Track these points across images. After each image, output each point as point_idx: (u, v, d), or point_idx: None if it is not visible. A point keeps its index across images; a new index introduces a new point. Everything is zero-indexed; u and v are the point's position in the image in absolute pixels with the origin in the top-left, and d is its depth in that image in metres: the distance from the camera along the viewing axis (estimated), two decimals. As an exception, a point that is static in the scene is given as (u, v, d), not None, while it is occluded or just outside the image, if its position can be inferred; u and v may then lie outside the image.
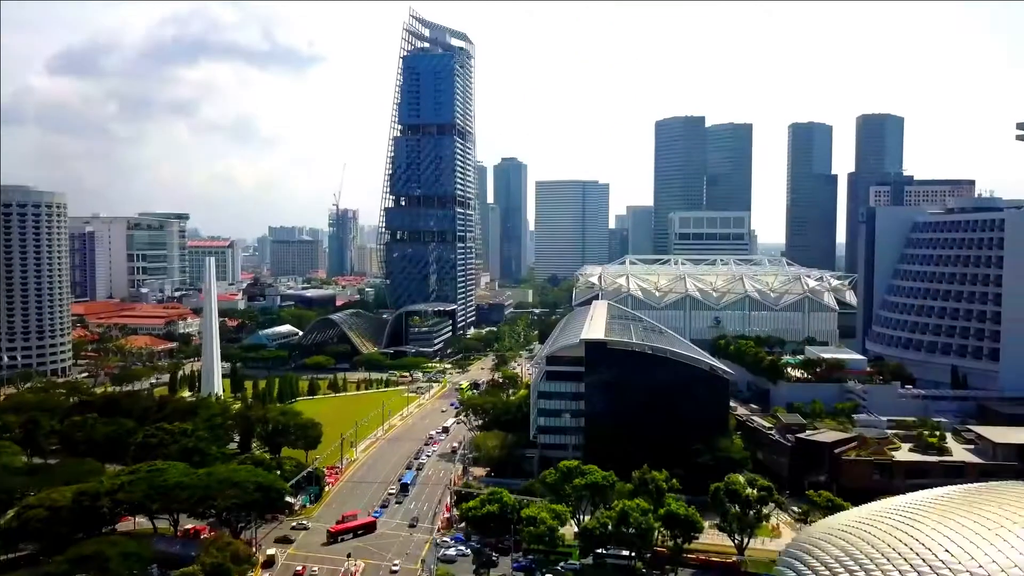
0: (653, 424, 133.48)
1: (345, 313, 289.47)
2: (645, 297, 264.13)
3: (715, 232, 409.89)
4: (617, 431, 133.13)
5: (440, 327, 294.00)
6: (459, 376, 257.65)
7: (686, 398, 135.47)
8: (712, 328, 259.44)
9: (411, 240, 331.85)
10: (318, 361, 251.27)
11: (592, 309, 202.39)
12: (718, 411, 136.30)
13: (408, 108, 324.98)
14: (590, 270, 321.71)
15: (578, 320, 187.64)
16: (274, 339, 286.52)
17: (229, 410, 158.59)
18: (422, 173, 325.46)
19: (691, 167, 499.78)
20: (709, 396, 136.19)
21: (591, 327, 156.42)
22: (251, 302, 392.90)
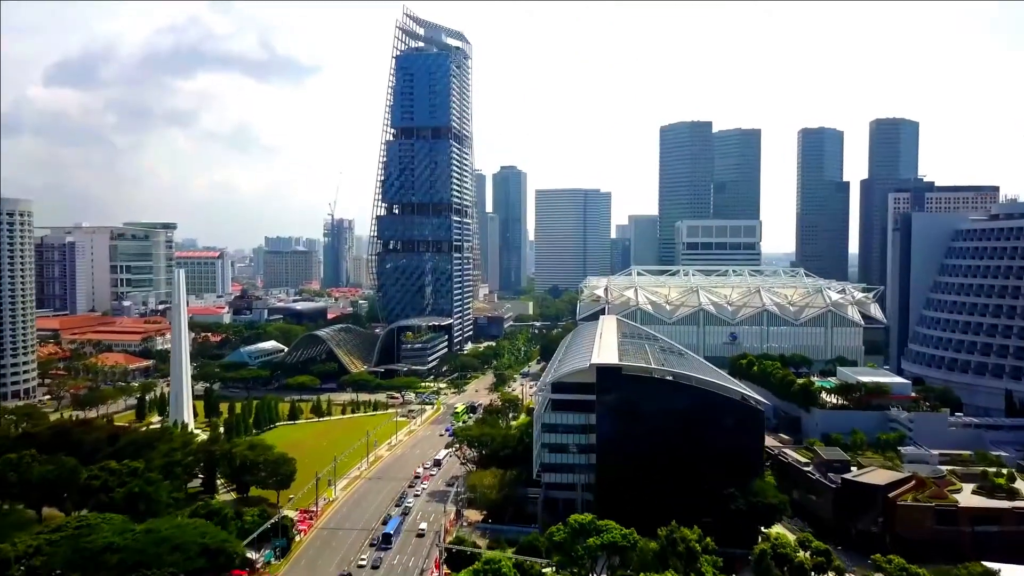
0: (676, 462, 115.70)
1: (332, 329, 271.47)
2: (655, 311, 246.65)
3: (724, 241, 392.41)
4: (634, 470, 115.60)
5: (435, 343, 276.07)
6: (455, 397, 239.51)
7: (714, 432, 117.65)
8: (728, 345, 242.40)
9: (404, 250, 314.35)
10: (302, 381, 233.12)
11: (599, 325, 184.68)
12: (751, 447, 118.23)
13: (401, 110, 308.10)
14: (595, 282, 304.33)
15: (585, 338, 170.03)
16: (257, 356, 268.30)
17: (192, 443, 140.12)
18: (416, 179, 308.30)
19: (697, 174, 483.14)
20: (741, 430, 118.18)
21: (601, 348, 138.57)
22: (237, 316, 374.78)
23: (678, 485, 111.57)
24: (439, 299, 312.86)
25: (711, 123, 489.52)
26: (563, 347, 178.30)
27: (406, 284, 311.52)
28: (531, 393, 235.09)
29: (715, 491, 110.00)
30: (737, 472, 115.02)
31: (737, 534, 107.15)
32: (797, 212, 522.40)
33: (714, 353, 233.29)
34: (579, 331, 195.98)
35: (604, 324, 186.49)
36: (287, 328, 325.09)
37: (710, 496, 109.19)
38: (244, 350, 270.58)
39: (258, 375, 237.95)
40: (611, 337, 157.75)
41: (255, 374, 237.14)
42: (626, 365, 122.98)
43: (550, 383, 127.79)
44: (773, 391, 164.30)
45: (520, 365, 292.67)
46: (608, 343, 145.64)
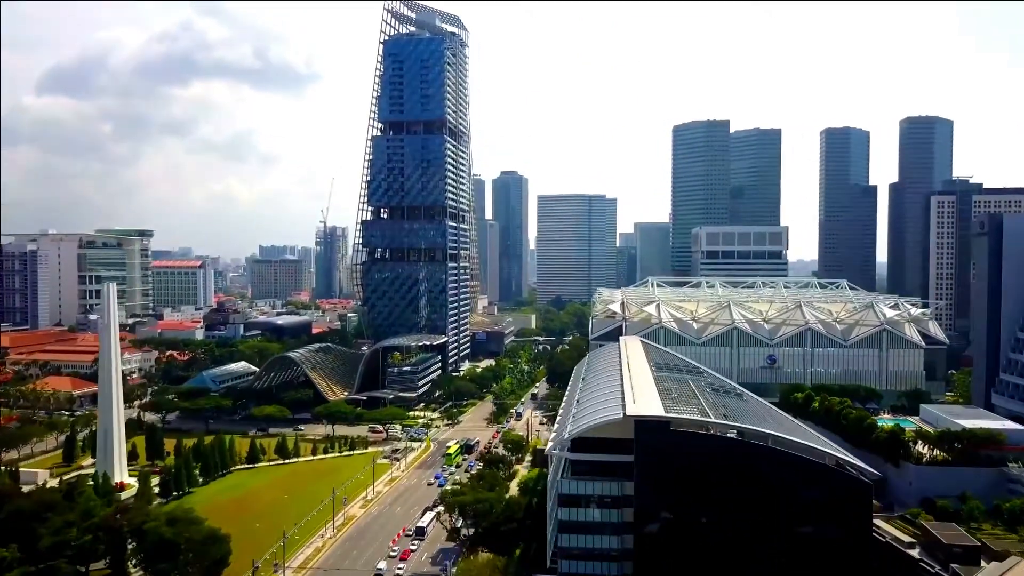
0: (744, 552, 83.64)
1: (308, 349, 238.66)
2: (681, 330, 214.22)
3: (747, 250, 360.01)
4: (687, 561, 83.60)
5: (426, 365, 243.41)
6: (447, 432, 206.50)
7: (801, 512, 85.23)
8: (766, 369, 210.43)
9: (393, 259, 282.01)
10: (269, 412, 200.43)
11: (621, 351, 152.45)
12: (854, 535, 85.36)
13: (389, 102, 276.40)
14: (608, 295, 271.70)
15: (605, 368, 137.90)
16: (223, 380, 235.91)
17: (95, 513, 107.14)
18: (406, 179, 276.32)
19: (714, 177, 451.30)
20: (839, 510, 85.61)
21: (634, 387, 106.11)
22: (210, 332, 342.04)
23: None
24: (432, 314, 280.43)
25: (728, 122, 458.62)
26: (578, 378, 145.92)
27: (395, 297, 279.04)
28: (538, 426, 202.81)
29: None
30: (834, 567, 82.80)
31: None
32: (820, 218, 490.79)
33: (750, 379, 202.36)
34: (596, 357, 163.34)
35: (627, 349, 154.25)
36: (263, 346, 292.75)
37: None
38: (207, 373, 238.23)
39: (219, 404, 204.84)
40: (642, 369, 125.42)
41: (214, 403, 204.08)
42: (676, 418, 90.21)
43: (569, 439, 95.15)
44: (844, 436, 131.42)
45: (523, 390, 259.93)
46: (641, 380, 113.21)
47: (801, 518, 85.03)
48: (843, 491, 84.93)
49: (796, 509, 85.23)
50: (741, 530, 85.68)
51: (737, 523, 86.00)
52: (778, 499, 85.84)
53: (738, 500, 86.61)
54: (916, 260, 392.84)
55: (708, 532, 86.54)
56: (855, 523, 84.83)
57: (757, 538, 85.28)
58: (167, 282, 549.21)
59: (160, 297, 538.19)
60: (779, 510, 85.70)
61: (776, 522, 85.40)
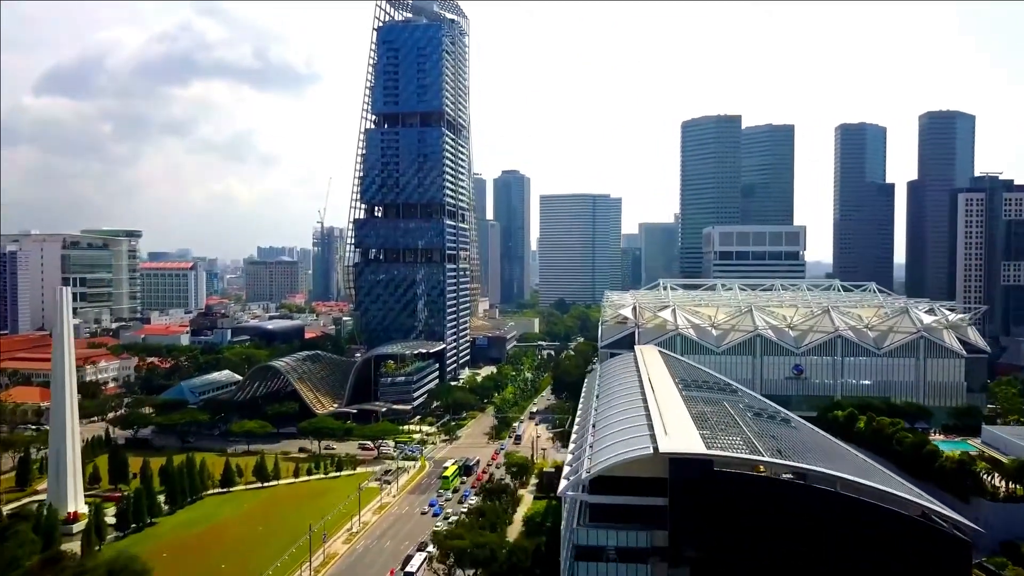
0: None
1: (295, 358, 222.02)
2: (699, 337, 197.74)
3: (763, 250, 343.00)
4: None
5: (422, 375, 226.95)
6: (444, 449, 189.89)
7: (879, 570, 68.54)
8: (792, 380, 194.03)
9: (388, 260, 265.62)
10: (250, 428, 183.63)
11: (640, 362, 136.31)
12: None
13: (384, 93, 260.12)
14: (618, 298, 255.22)
15: (622, 385, 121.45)
16: (203, 391, 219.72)
17: (21, 561, 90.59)
18: (401, 175, 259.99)
19: (724, 175, 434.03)
20: (929, 570, 68.75)
21: (662, 411, 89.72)
22: (195, 337, 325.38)
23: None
24: (429, 319, 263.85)
25: (740, 117, 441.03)
26: (591, 395, 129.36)
27: (389, 301, 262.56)
28: (544, 442, 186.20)
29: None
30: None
31: None
32: (834, 217, 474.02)
33: (774, 390, 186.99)
34: (610, 370, 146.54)
35: (645, 361, 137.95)
36: (250, 353, 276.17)
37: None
38: (186, 384, 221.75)
39: (194, 419, 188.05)
40: (666, 387, 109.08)
41: (190, 418, 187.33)
42: (721, 456, 73.50)
43: (587, 478, 78.43)
44: (899, 464, 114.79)
45: (527, 400, 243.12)
46: (669, 401, 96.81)
47: (879, 572, 68.49)
48: (935, 550, 68.22)
49: (874, 572, 68.55)
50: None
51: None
52: (849, 558, 69.20)
53: (798, 557, 70.07)
54: (938, 260, 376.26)
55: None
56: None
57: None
58: (157, 284, 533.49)
59: (150, 300, 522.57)
60: (853, 565, 69.14)
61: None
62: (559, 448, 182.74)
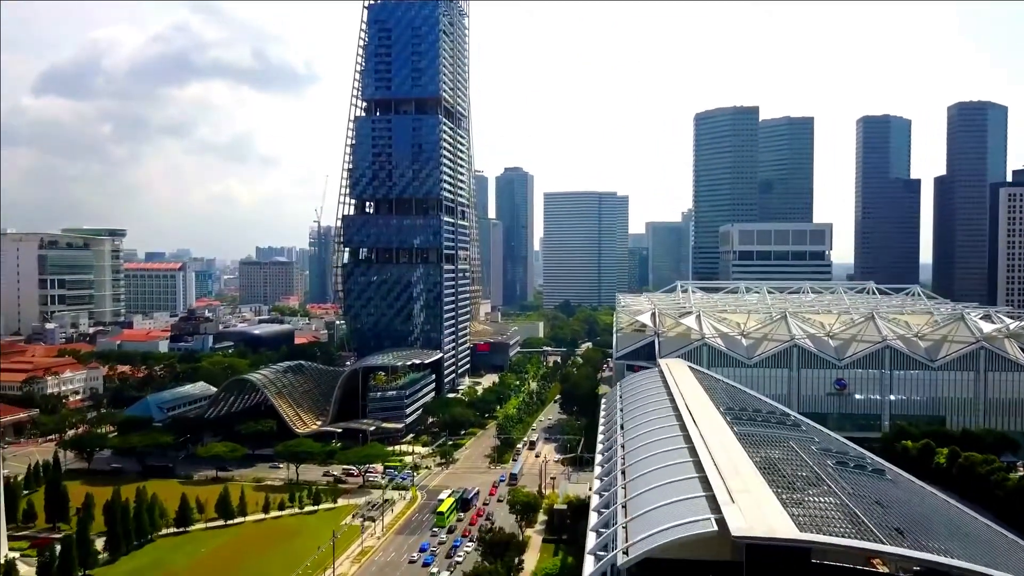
0: None
1: (274, 369, 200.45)
2: (728, 347, 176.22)
3: (786, 250, 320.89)
4: None
5: (415, 388, 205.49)
6: (440, 475, 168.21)
7: None
8: (833, 396, 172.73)
9: (380, 260, 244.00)
10: (218, 452, 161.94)
11: (670, 383, 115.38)
12: None
13: (375, 77, 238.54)
14: (632, 302, 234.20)
15: (653, 415, 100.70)
16: (172, 406, 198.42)
17: None
18: (395, 167, 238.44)
19: (741, 170, 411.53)
20: None
21: (716, 458, 68.28)
22: (175, 343, 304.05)
23: None
24: (425, 324, 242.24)
25: (757, 109, 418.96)
26: (613, 425, 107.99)
27: (381, 305, 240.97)
28: (551, 465, 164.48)
29: None
30: None
31: None
32: (856, 215, 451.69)
33: (813, 408, 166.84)
34: (633, 391, 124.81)
35: (676, 381, 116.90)
36: (231, 362, 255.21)
37: None
38: (153, 399, 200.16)
39: (156, 442, 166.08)
40: (711, 420, 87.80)
41: (151, 441, 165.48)
42: (822, 543, 51.64)
43: (626, 564, 56.72)
44: (996, 513, 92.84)
45: (532, 415, 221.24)
46: (721, 445, 75.20)
47: None
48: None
49: None
50: None
51: None
52: None
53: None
54: (970, 260, 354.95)
55: None
56: None
57: None
58: (143, 286, 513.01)
59: (136, 303, 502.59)
60: None
61: None
62: (570, 474, 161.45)
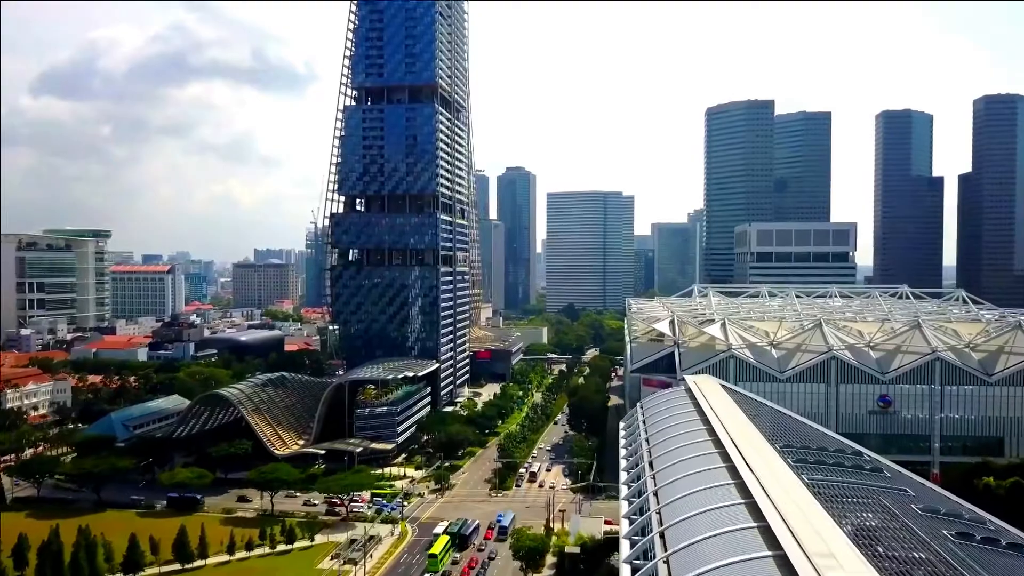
0: None
1: (252, 383, 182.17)
2: (758, 359, 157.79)
3: (807, 251, 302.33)
4: None
5: (409, 402, 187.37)
6: (435, 504, 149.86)
7: None
8: (876, 415, 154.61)
9: (371, 262, 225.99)
10: (183, 480, 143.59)
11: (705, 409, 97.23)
12: None
13: (366, 63, 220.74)
14: (646, 307, 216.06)
15: (686, 445, 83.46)
16: (140, 423, 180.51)
17: None
18: (387, 160, 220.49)
19: (756, 167, 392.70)
20: None
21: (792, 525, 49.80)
22: (154, 352, 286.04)
23: None
24: (421, 332, 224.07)
25: (772, 103, 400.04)
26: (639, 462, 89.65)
27: (372, 311, 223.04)
28: (559, 492, 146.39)
29: None
30: None
31: None
32: (875, 214, 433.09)
33: (853, 428, 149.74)
34: (660, 416, 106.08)
35: (709, 402, 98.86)
36: (211, 372, 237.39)
37: None
38: (117, 415, 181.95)
39: (113, 467, 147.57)
40: (770, 465, 69.46)
41: (107, 466, 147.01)
42: None
43: None
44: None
45: (537, 432, 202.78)
46: (792, 502, 56.70)
47: None
48: None
49: None
50: None
51: None
52: None
53: None
54: (998, 262, 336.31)
55: None
56: None
57: None
58: (130, 290, 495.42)
59: (123, 307, 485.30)
60: None
61: None
62: (581, 504, 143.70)
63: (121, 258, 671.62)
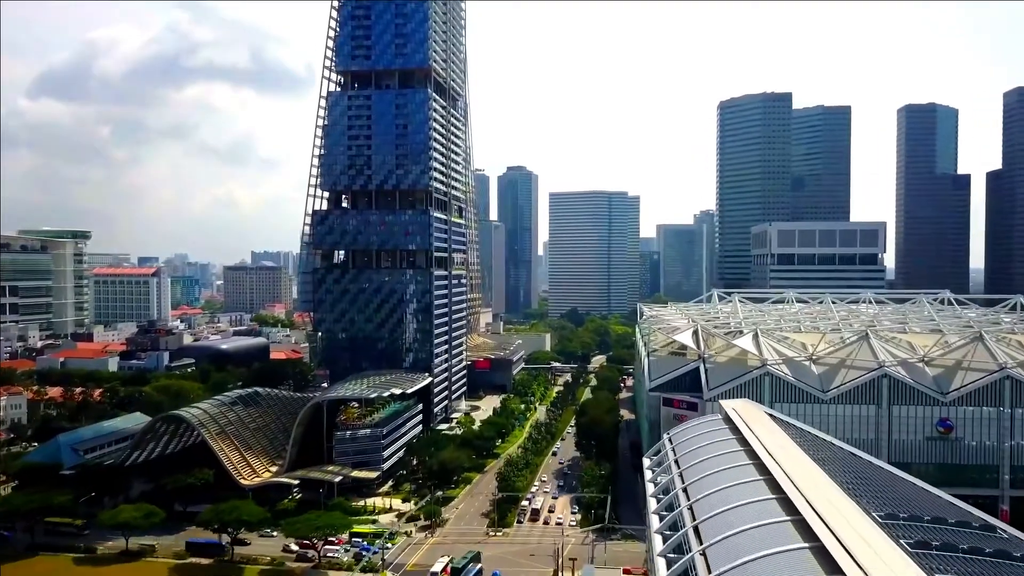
0: None
1: (218, 401, 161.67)
2: (796, 376, 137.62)
3: (832, 252, 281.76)
4: None
5: (397, 423, 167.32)
6: (424, 545, 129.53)
7: None
8: (934, 441, 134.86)
9: (357, 265, 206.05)
10: (127, 520, 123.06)
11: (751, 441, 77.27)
12: None
13: (352, 44, 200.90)
14: (661, 313, 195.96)
15: (737, 498, 62.89)
16: (93, 446, 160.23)
17: None
18: (375, 152, 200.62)
19: (772, 163, 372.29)
20: None
21: None
22: (126, 361, 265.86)
23: None
24: (413, 342, 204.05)
25: (790, 95, 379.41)
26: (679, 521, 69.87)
27: (358, 319, 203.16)
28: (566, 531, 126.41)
29: None
30: None
31: None
32: (897, 214, 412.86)
33: (909, 456, 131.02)
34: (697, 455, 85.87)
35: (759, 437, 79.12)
36: (180, 386, 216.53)
37: None
38: (66, 438, 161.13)
39: (47, 503, 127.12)
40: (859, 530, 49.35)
41: (39, 503, 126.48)
42: None
43: None
44: None
45: (541, 454, 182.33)
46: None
47: None
48: None
49: None
50: None
51: None
52: None
53: None
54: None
55: None
56: None
57: None
58: (113, 293, 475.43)
59: (106, 312, 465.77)
60: None
61: None
62: (593, 545, 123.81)
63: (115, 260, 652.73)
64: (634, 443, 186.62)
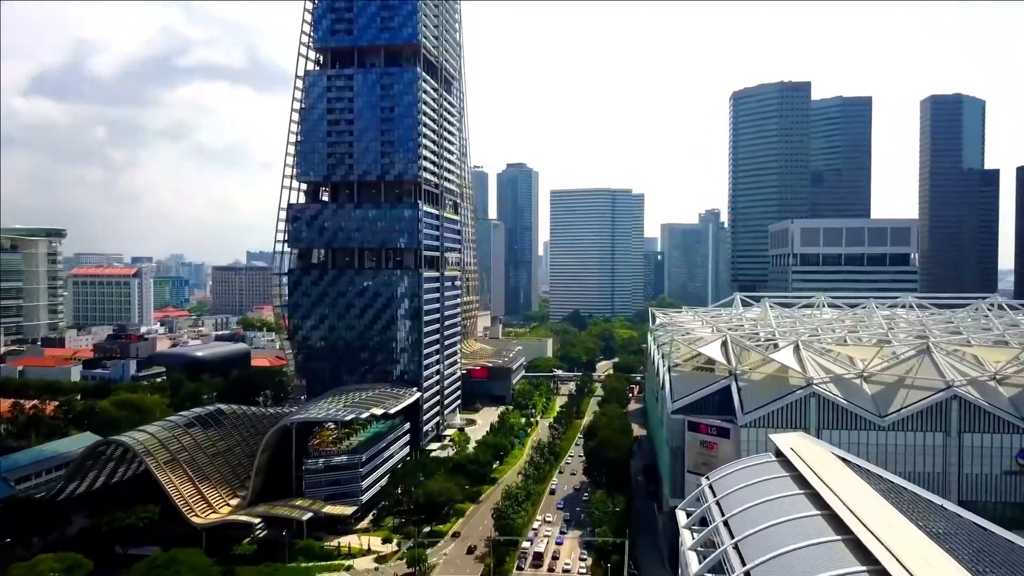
0: None
1: (171, 423, 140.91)
2: (847, 397, 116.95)
3: (860, 252, 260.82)
4: None
5: (380, 447, 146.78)
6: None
7: None
8: (1014, 476, 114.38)
9: (338, 265, 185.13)
10: (45, 571, 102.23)
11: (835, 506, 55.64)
12: None
13: (332, 17, 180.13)
14: (678, 320, 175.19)
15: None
16: (31, 473, 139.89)
17: None
18: (357, 139, 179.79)
19: (790, 157, 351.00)
20: None
21: None
22: (89, 370, 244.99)
23: None
24: (400, 352, 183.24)
25: (809, 84, 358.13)
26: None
27: (338, 327, 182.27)
28: None
29: None
30: None
31: None
32: (921, 211, 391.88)
33: (983, 493, 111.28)
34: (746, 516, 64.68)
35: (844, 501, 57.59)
36: (142, 399, 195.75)
37: None
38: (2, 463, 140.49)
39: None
40: None
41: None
42: None
43: None
44: None
45: (543, 481, 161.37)
46: None
47: None
48: None
49: None
50: None
51: None
52: None
53: None
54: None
55: None
56: None
57: None
58: (93, 295, 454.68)
59: (85, 314, 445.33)
60: None
61: None
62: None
63: (107, 260, 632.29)
64: (647, 466, 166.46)
